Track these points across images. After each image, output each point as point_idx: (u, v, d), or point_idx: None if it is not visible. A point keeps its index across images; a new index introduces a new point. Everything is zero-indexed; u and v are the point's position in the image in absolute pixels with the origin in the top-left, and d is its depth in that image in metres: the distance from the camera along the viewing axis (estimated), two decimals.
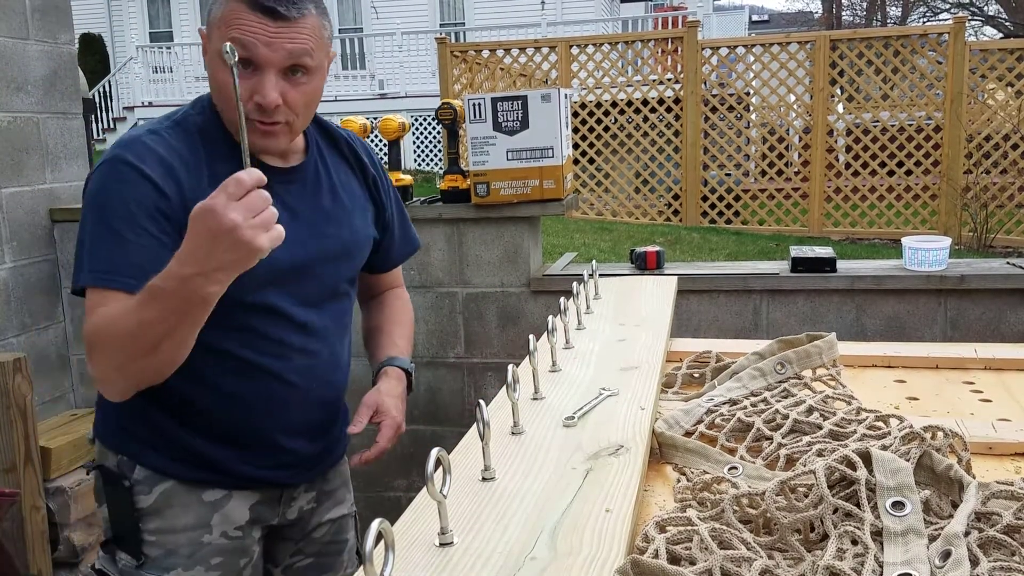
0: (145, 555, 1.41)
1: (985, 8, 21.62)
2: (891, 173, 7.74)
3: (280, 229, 1.11)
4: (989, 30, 21.56)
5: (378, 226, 1.59)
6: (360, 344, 1.66)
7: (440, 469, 0.87)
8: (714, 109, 8.15)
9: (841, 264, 2.99)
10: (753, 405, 1.23)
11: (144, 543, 1.41)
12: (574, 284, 1.68)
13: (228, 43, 1.13)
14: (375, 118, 4.05)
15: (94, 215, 1.27)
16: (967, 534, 0.80)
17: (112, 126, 15.24)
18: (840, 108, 7.98)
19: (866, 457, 0.91)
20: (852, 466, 0.90)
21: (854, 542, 0.83)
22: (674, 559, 0.82)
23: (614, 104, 8.39)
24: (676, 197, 8.33)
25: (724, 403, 1.25)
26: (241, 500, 1.46)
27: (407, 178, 3.18)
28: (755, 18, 25.84)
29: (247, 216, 1.06)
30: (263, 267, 1.27)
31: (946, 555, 0.77)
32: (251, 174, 1.08)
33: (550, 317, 1.39)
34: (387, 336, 1.63)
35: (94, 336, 1.22)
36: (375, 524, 0.70)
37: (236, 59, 1.12)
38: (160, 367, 1.23)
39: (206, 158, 1.33)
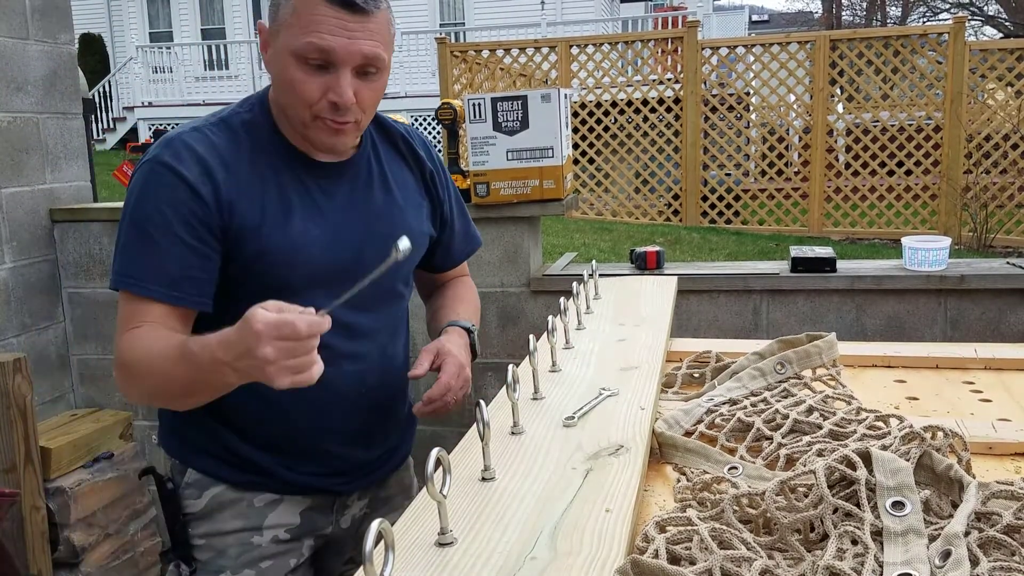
0: (196, 560, 1.41)
1: (985, 8, 21.63)
2: (891, 173, 7.74)
3: (313, 375, 1.08)
4: (989, 30, 21.58)
5: (435, 223, 1.53)
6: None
7: (440, 469, 0.87)
8: (714, 109, 8.15)
9: (841, 264, 2.98)
10: (753, 405, 1.23)
11: (194, 548, 1.41)
12: (574, 284, 1.68)
13: (403, 239, 1.07)
14: None
15: (130, 217, 1.28)
16: (967, 534, 0.80)
17: (112, 126, 15.25)
18: (840, 108, 7.97)
19: (866, 457, 0.91)
20: (852, 466, 0.90)
21: (854, 542, 0.83)
22: (674, 559, 0.82)
23: (614, 104, 8.38)
24: (676, 197, 8.33)
25: (724, 403, 1.25)
26: (292, 505, 1.44)
27: None
28: (755, 18, 25.84)
29: (280, 358, 1.04)
30: (309, 268, 1.31)
31: (946, 555, 0.77)
32: (311, 327, 1.04)
33: (550, 317, 1.38)
34: (449, 310, 1.56)
35: (128, 366, 1.24)
36: (375, 524, 0.70)
37: (402, 257, 1.07)
38: (189, 406, 1.26)
39: (248, 152, 1.31)
